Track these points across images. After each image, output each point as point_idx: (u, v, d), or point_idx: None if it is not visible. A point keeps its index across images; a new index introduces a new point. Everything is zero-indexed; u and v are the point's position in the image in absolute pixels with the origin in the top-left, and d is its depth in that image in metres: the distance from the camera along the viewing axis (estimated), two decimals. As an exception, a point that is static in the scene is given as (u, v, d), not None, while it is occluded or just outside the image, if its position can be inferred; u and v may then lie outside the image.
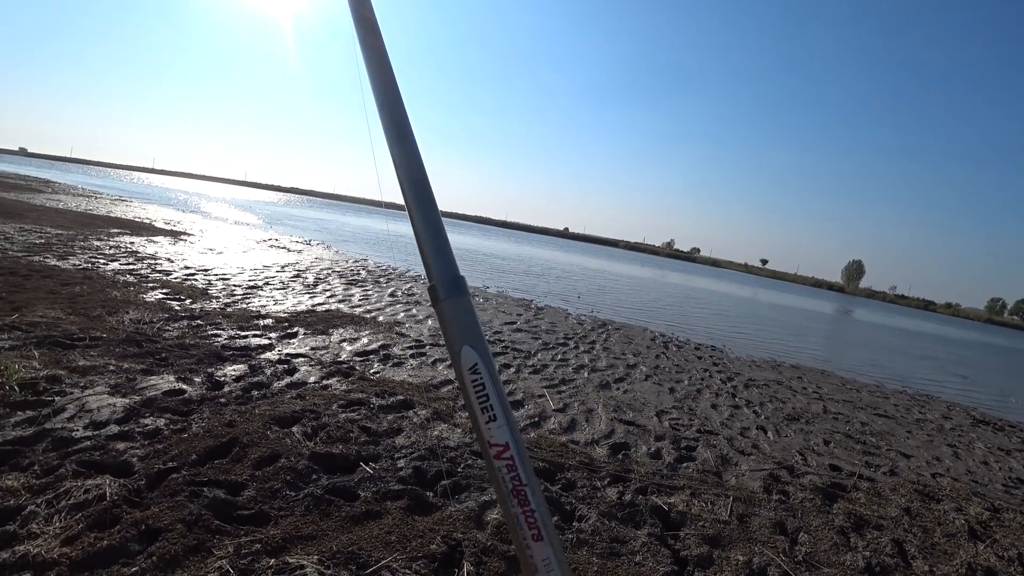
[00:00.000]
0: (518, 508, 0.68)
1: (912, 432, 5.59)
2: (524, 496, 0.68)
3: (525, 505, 0.68)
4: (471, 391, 0.68)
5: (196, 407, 2.89)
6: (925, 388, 9.02)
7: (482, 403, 0.68)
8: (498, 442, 0.68)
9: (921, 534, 3.07)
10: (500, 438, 0.68)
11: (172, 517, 1.91)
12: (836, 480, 3.66)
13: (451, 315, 0.70)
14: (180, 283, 6.07)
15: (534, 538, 0.68)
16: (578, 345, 6.69)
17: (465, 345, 0.68)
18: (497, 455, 0.68)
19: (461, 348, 0.68)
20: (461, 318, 0.70)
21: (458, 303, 0.70)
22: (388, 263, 12.56)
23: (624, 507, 2.66)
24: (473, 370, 0.68)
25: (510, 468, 0.68)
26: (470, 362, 0.68)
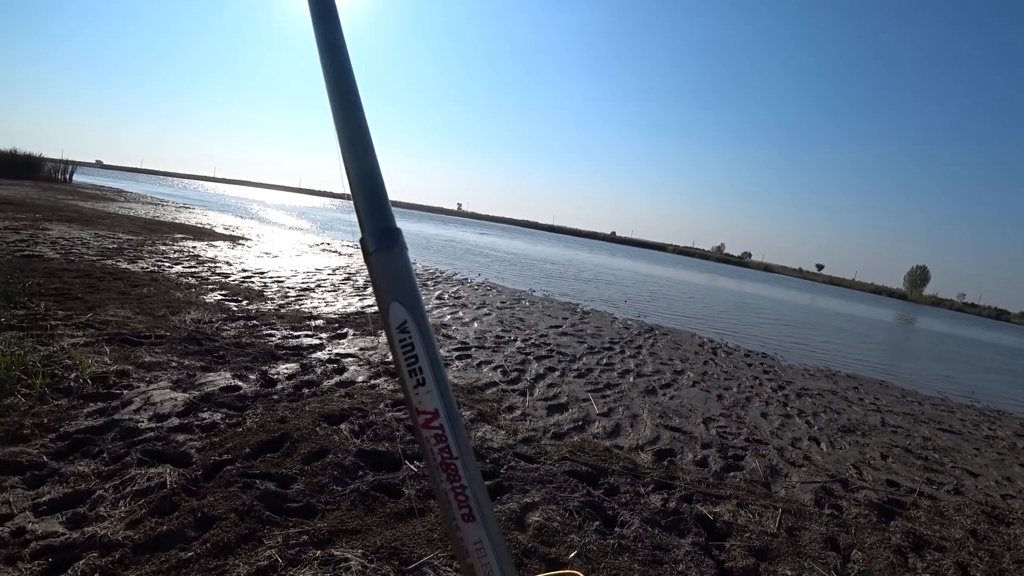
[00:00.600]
0: (447, 484, 0.62)
1: (980, 449, 5.25)
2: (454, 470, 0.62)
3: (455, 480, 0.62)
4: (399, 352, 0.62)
5: (250, 403, 3.02)
6: (996, 403, 8.45)
7: (410, 365, 0.62)
8: (427, 409, 0.62)
9: (988, 558, 2.88)
10: (429, 404, 0.62)
11: (226, 506, 2.00)
12: (894, 496, 3.48)
13: (380, 268, 0.64)
14: (237, 285, 6.36)
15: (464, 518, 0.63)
16: (624, 350, 6.62)
17: (394, 301, 0.63)
18: (425, 423, 0.62)
19: (390, 304, 0.63)
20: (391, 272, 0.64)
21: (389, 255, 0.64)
22: (436, 266, 12.77)
23: (668, 514, 2.61)
24: (401, 328, 0.62)
25: (439, 439, 0.62)
26: (398, 320, 0.62)
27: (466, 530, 0.63)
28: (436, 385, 0.62)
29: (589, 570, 2.05)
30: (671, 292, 18.56)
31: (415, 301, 0.64)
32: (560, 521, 2.35)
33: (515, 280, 12.93)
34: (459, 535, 0.63)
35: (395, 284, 0.64)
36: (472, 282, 10.91)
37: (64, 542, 1.71)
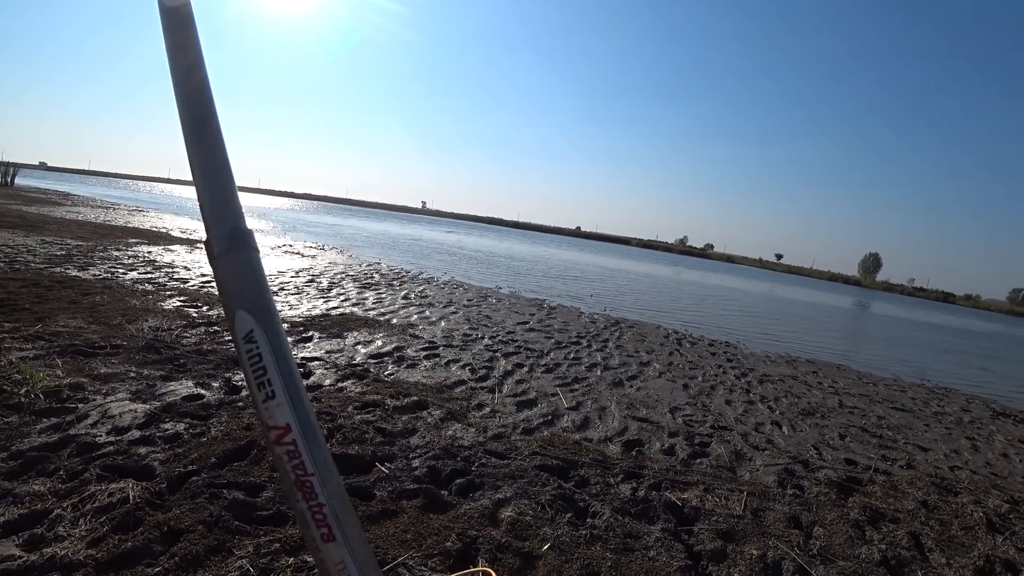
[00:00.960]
0: (303, 503, 0.57)
1: (930, 425, 5.52)
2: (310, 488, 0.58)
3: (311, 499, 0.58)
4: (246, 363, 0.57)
5: (215, 411, 2.96)
6: (944, 381, 8.89)
7: (258, 377, 0.57)
8: (278, 424, 0.57)
9: (938, 527, 3.04)
10: (280, 419, 0.57)
11: (193, 518, 1.96)
12: (852, 474, 3.63)
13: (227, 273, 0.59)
14: (197, 291, 6.18)
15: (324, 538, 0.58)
16: (591, 344, 6.70)
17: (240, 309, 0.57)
18: (277, 439, 0.57)
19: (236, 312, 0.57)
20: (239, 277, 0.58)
21: (236, 259, 0.59)
22: (401, 266, 12.66)
23: (637, 503, 2.67)
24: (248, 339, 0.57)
25: (292, 455, 0.57)
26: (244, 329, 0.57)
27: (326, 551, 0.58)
28: (288, 398, 0.58)
29: (563, 561, 2.09)
30: (637, 286, 18.86)
31: (264, 308, 0.59)
32: (533, 515, 2.38)
33: (481, 278, 12.92)
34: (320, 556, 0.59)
35: (242, 290, 0.58)
36: (438, 281, 10.86)
37: (22, 565, 1.65)
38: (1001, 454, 4.94)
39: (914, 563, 2.59)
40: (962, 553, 2.79)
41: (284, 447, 0.57)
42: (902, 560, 2.59)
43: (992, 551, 2.85)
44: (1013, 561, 2.79)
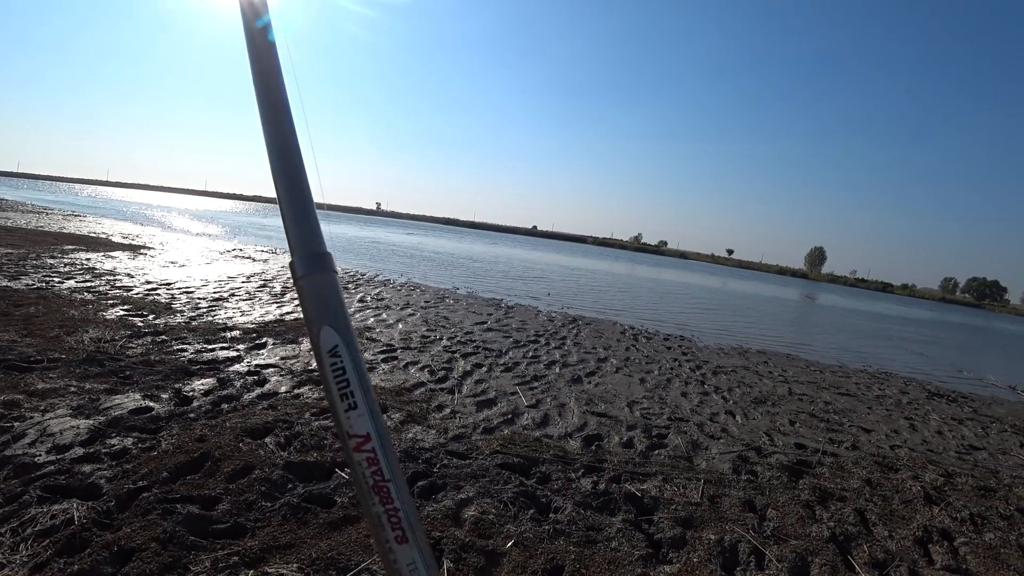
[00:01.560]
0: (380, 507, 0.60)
1: (872, 408, 5.82)
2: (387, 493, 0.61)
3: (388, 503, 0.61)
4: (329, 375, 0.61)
5: (165, 424, 2.85)
6: (885, 366, 9.37)
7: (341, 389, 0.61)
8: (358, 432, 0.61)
9: (881, 502, 3.22)
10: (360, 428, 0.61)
11: (145, 536, 1.89)
12: (802, 457, 3.80)
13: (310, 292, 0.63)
14: (142, 299, 5.92)
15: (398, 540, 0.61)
16: (549, 342, 6.76)
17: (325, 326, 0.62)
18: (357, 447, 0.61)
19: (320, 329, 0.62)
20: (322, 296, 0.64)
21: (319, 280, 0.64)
22: (356, 269, 12.45)
23: (599, 496, 2.72)
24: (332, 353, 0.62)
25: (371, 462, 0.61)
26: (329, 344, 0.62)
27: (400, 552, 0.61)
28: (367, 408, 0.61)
29: (527, 556, 2.11)
30: (595, 284, 19.13)
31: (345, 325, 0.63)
32: (496, 513, 2.40)
33: (439, 279, 12.84)
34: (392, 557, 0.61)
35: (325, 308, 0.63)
36: (395, 283, 10.74)
37: (-44, 594, 1.56)
38: (936, 432, 5.25)
39: (860, 537, 2.74)
40: (903, 525, 2.96)
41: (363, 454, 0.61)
42: (849, 535, 2.74)
43: (929, 521, 3.05)
44: (948, 529, 2.99)
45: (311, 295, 0.63)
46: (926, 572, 2.53)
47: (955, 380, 9.19)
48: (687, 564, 2.27)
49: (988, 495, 3.65)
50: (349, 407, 0.60)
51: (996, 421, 6.19)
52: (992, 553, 2.80)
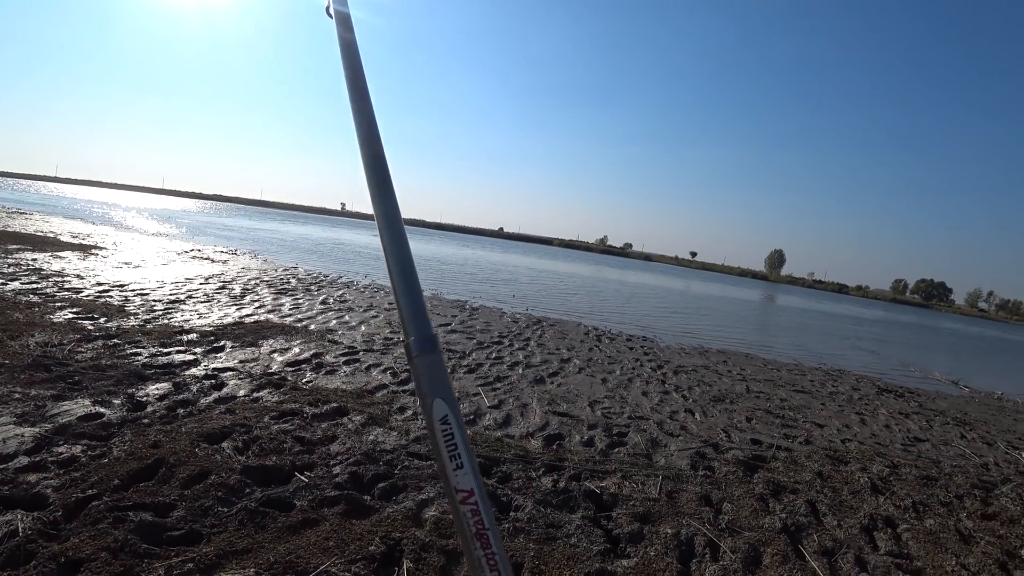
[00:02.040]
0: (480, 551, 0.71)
1: (826, 404, 6.05)
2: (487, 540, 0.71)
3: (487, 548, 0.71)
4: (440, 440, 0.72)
5: (116, 430, 2.77)
6: (839, 364, 9.74)
7: (451, 451, 0.71)
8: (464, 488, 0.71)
9: (831, 493, 3.37)
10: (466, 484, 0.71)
11: (95, 546, 1.84)
12: (757, 453, 3.93)
13: (424, 370, 0.74)
14: (92, 301, 5.71)
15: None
16: (512, 343, 6.80)
17: (437, 398, 0.72)
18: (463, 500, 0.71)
19: (433, 400, 0.72)
20: (434, 373, 0.74)
21: (431, 360, 0.74)
22: (320, 270, 12.26)
23: (559, 494, 2.77)
24: (444, 421, 0.72)
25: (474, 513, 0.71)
26: (441, 413, 0.72)
27: None
28: (471, 467, 0.72)
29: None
30: (562, 285, 19.29)
31: (453, 397, 0.74)
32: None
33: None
34: None
35: (437, 384, 0.73)
36: (358, 284, 10.61)
37: None
38: (884, 425, 5.50)
39: (810, 527, 2.86)
40: (851, 514, 3.10)
41: (468, 506, 0.71)
42: (800, 526, 2.85)
43: (875, 510, 3.20)
44: (892, 517, 3.15)
45: (425, 372, 0.74)
46: (871, 558, 2.66)
47: (903, 376, 9.62)
48: (644, 558, 2.33)
49: (930, 484, 3.84)
50: (456, 466, 0.71)
51: (940, 414, 6.51)
52: (932, 538, 2.96)
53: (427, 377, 0.73)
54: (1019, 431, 6.40)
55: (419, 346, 0.75)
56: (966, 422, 6.33)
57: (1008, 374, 13.90)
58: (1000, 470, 4.57)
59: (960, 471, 4.30)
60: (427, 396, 0.73)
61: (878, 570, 2.56)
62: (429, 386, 0.73)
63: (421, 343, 0.75)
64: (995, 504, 3.67)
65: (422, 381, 0.74)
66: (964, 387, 9.60)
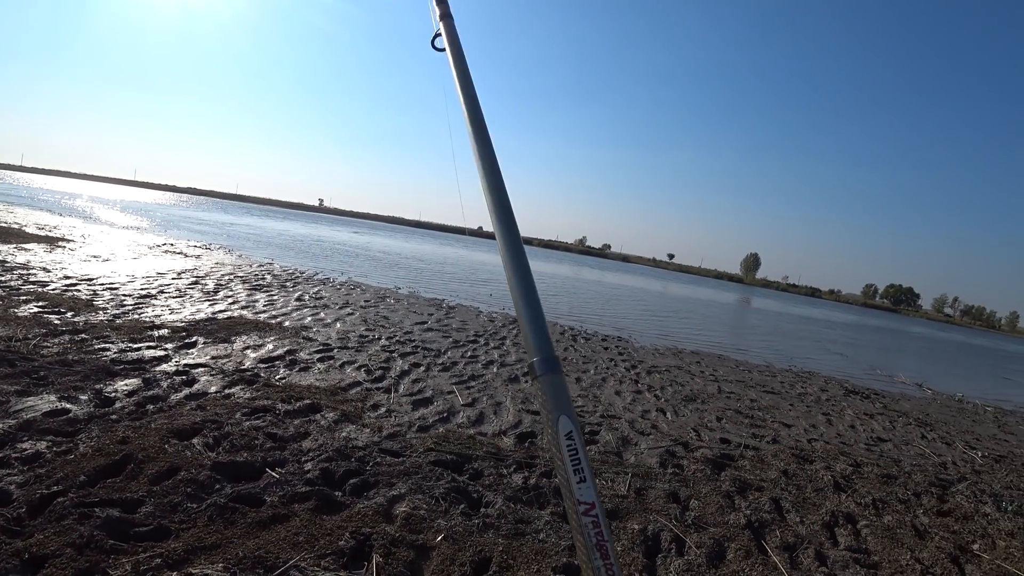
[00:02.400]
0: (600, 560, 0.74)
1: (794, 405, 6.20)
2: (606, 551, 0.75)
3: (606, 559, 0.75)
4: (566, 455, 0.76)
5: (83, 426, 2.73)
6: (808, 366, 9.97)
7: (575, 465, 0.75)
8: (586, 500, 0.75)
9: (795, 491, 3.47)
10: (588, 497, 0.75)
11: (60, 542, 1.82)
12: (725, 451, 4.02)
13: (548, 389, 0.79)
14: (59, 295, 5.58)
15: None
16: (488, 342, 6.82)
17: (562, 415, 0.77)
18: (585, 512, 0.75)
19: (558, 417, 0.77)
20: (557, 392, 0.79)
21: (554, 379, 0.79)
22: (295, 267, 12.13)
23: (529, 491, 2.81)
24: (568, 436, 0.76)
25: (595, 524, 0.75)
26: (566, 429, 0.76)
27: None
28: (592, 481, 0.76)
29: (456, 549, 2.16)
30: (539, 286, 19.34)
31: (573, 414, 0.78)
32: (427, 508, 2.44)
33: (380, 278, 12.67)
34: None
35: (560, 401, 0.78)
36: (335, 281, 10.52)
37: None
38: (849, 426, 5.66)
39: (774, 523, 2.95)
40: (813, 511, 3.21)
41: (590, 518, 0.75)
42: (764, 522, 2.94)
43: (837, 507, 3.31)
44: (853, 514, 3.26)
45: (549, 391, 0.79)
46: (831, 553, 2.76)
47: (870, 378, 9.88)
48: (611, 553, 2.38)
49: (890, 482, 3.98)
50: (580, 480, 0.75)
51: (903, 415, 6.72)
52: (889, 534, 3.07)
53: (551, 396, 0.78)
54: (977, 432, 6.64)
55: (543, 366, 0.80)
56: (927, 423, 6.55)
57: (969, 377, 14.37)
58: (957, 469, 4.75)
59: (919, 470, 4.46)
60: (552, 413, 0.77)
61: (837, 564, 2.66)
62: (553, 404, 0.78)
63: (545, 364, 0.80)
64: (951, 501, 3.82)
65: (546, 399, 0.79)
66: (927, 389, 9.91)
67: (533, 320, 0.84)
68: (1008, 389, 12.77)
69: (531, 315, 0.85)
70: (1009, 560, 3.01)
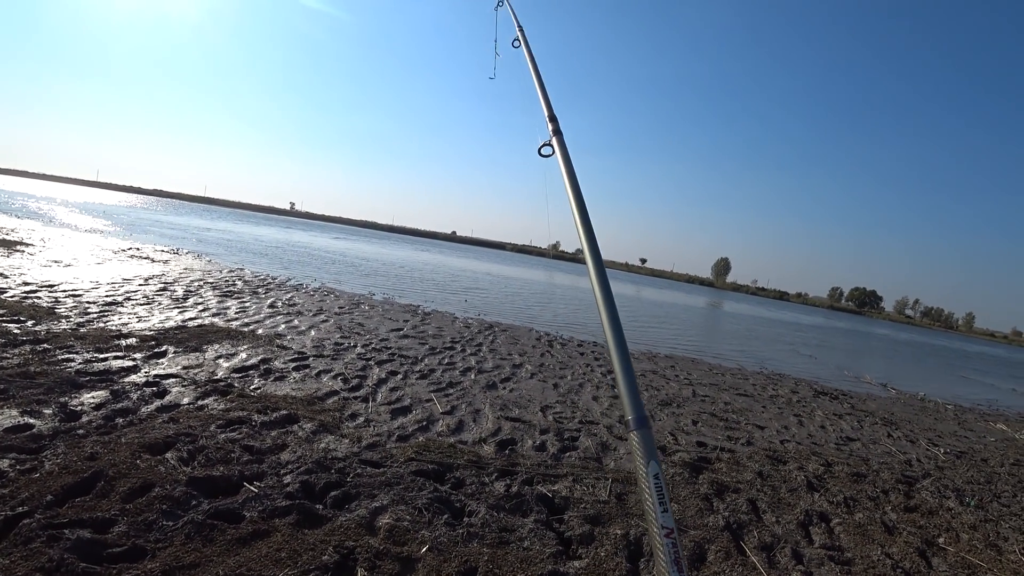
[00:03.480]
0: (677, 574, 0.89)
1: (766, 407, 6.33)
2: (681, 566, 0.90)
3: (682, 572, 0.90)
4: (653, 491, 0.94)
5: (48, 442, 2.63)
6: (779, 368, 10.19)
7: (659, 499, 0.93)
8: (667, 526, 0.91)
9: (770, 492, 3.55)
10: (669, 523, 0.92)
11: (27, 567, 1.75)
12: (702, 455, 4.08)
13: (641, 441, 0.98)
14: (18, 303, 5.37)
15: None
16: (465, 348, 6.80)
17: (652, 460, 0.96)
18: (667, 535, 0.91)
19: (649, 462, 0.96)
20: (647, 443, 0.98)
21: (645, 433, 0.99)
22: (267, 272, 11.90)
23: (511, 498, 2.81)
24: (656, 477, 0.94)
25: (674, 545, 0.90)
26: (654, 472, 0.95)
27: None
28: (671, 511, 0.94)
29: (441, 560, 2.15)
30: (514, 290, 19.38)
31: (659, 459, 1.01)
32: (410, 520, 2.42)
33: (354, 284, 12.51)
34: None
35: (651, 450, 0.97)
36: (308, 288, 10.35)
37: None
38: (820, 426, 5.81)
39: (751, 524, 3.01)
40: (788, 511, 3.28)
41: (670, 540, 0.90)
42: (741, 523, 3.00)
43: (810, 506, 3.40)
44: (826, 512, 3.36)
45: (642, 442, 0.99)
46: (806, 551, 2.83)
47: (838, 379, 10.16)
48: (595, 558, 2.40)
49: (859, 480, 4.10)
50: (663, 510, 0.93)
51: (869, 415, 6.93)
52: (861, 530, 3.17)
53: (644, 446, 0.98)
54: (939, 429, 6.89)
55: (637, 422, 1.00)
56: (893, 422, 6.76)
57: (930, 377, 14.88)
58: (921, 466, 4.91)
59: (887, 467, 4.60)
60: (643, 459, 0.97)
61: (812, 562, 2.73)
62: (645, 452, 0.97)
63: (638, 420, 1.00)
64: (916, 497, 3.96)
65: (640, 448, 0.98)
66: (892, 389, 10.23)
67: (629, 384, 1.06)
68: (966, 388, 13.27)
69: (628, 380, 1.06)
70: (972, 552, 3.14)
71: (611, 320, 1.20)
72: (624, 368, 1.09)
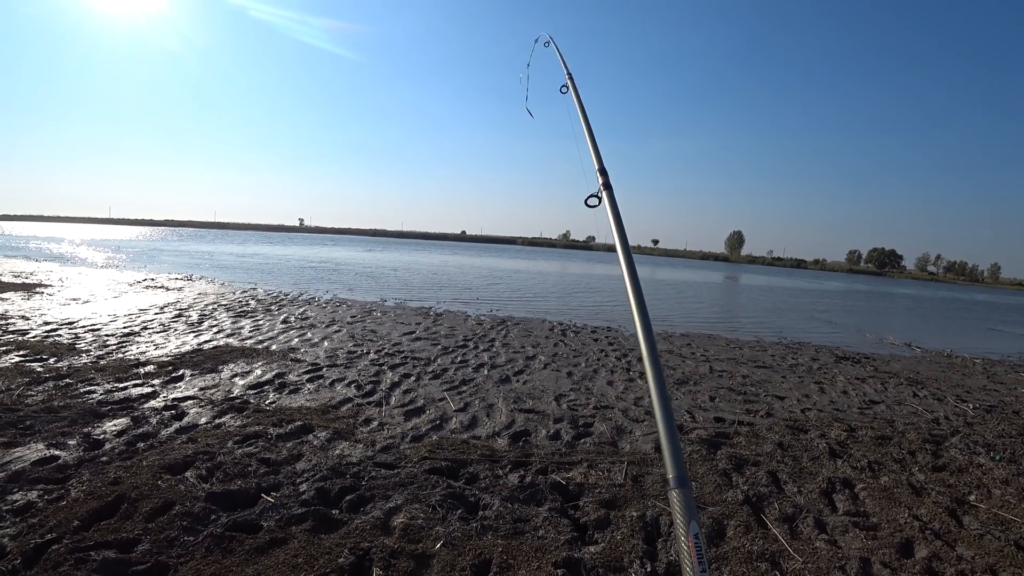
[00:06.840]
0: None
1: (786, 377, 6.26)
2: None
3: None
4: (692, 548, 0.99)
5: (73, 471, 2.71)
6: (798, 337, 10.07)
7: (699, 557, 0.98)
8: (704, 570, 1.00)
9: (791, 462, 3.51)
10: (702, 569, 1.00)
11: (56, 589, 1.81)
12: (720, 430, 4.06)
13: (682, 500, 1.04)
14: (40, 341, 5.51)
15: None
16: (477, 345, 6.83)
17: (692, 520, 1.01)
18: None
19: (689, 522, 1.02)
20: (688, 502, 1.03)
21: (685, 492, 1.04)
22: (279, 289, 12.05)
23: (525, 489, 2.83)
24: (695, 536, 1.00)
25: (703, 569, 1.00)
26: (694, 531, 1.01)
27: None
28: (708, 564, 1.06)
29: (456, 555, 2.17)
30: (527, 284, 19.37)
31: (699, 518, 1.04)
32: (424, 517, 2.45)
33: (366, 293, 12.60)
34: None
35: (691, 510, 1.03)
36: (320, 300, 10.46)
37: None
38: (842, 391, 5.73)
39: (771, 496, 2.98)
40: (810, 480, 3.25)
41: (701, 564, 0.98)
42: (762, 496, 2.97)
43: (833, 473, 3.36)
44: (849, 478, 3.31)
45: (682, 501, 1.04)
46: (830, 519, 2.79)
47: (859, 343, 10.00)
48: (611, 542, 2.40)
49: (884, 443, 4.04)
50: (703, 570, 0.98)
51: (894, 376, 6.82)
52: (887, 494, 3.12)
53: (684, 504, 1.04)
54: (967, 385, 6.75)
55: (678, 482, 1.06)
56: (918, 381, 6.65)
57: (957, 332, 14.58)
58: (950, 423, 4.83)
59: (913, 428, 4.53)
60: (684, 517, 1.03)
61: (836, 530, 2.70)
62: (685, 511, 1.03)
63: (679, 479, 1.06)
64: (945, 456, 3.89)
65: (680, 507, 1.04)
66: (916, 348, 10.05)
67: (672, 442, 1.11)
68: (995, 340, 12.99)
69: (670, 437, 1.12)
70: (1005, 507, 3.08)
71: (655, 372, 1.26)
72: (667, 426, 1.14)
